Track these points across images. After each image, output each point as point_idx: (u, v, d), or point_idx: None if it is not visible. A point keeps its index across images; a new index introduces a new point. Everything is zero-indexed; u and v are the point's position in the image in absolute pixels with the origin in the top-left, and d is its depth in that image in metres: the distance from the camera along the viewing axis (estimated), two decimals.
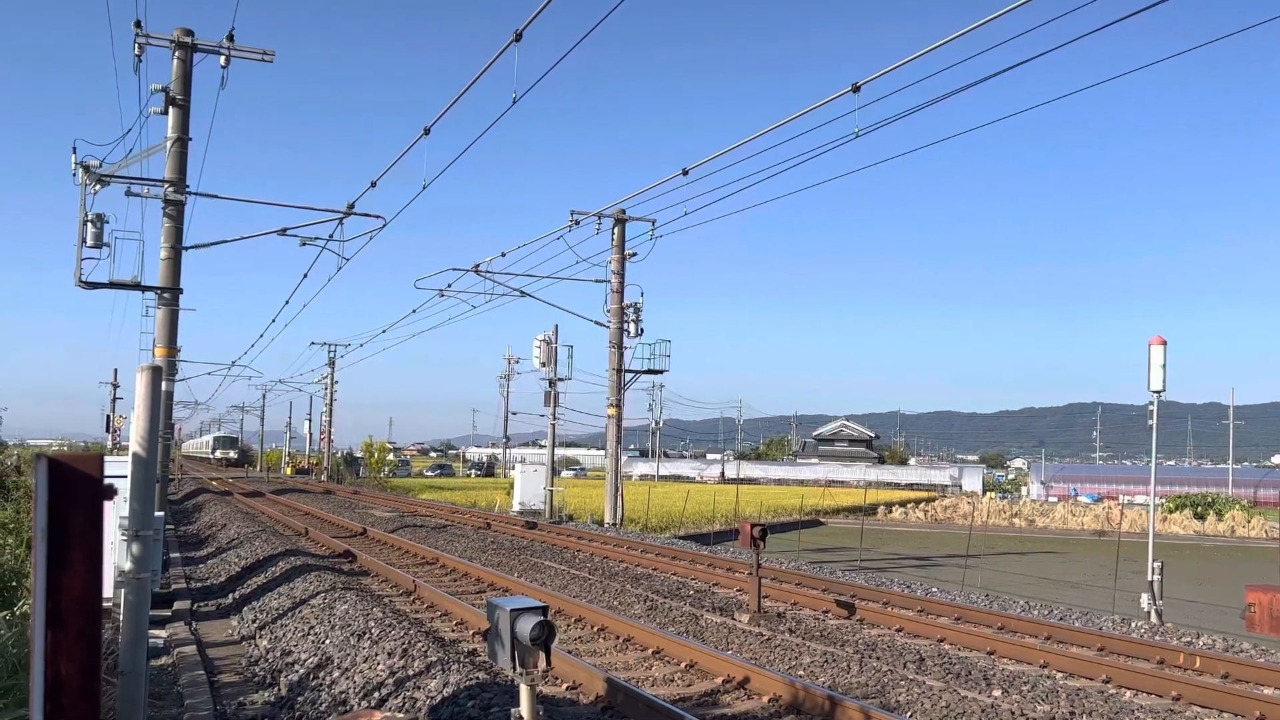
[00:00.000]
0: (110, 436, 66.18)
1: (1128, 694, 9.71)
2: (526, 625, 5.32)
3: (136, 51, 19.74)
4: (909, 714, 8.59)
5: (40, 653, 1.87)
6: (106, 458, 2.54)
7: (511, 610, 5.38)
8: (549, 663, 5.48)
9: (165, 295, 19.13)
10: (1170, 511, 60.98)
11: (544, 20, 12.73)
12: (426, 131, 18.64)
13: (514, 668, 5.41)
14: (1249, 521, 58.59)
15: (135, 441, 5.99)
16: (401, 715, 3.01)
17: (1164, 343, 18.38)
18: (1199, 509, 62.05)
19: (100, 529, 2.04)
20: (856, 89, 16.02)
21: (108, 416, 69.39)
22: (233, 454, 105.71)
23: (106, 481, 2.10)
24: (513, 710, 5.61)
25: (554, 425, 38.68)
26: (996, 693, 9.42)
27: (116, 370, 76.16)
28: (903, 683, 9.57)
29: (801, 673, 10.17)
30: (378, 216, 22.40)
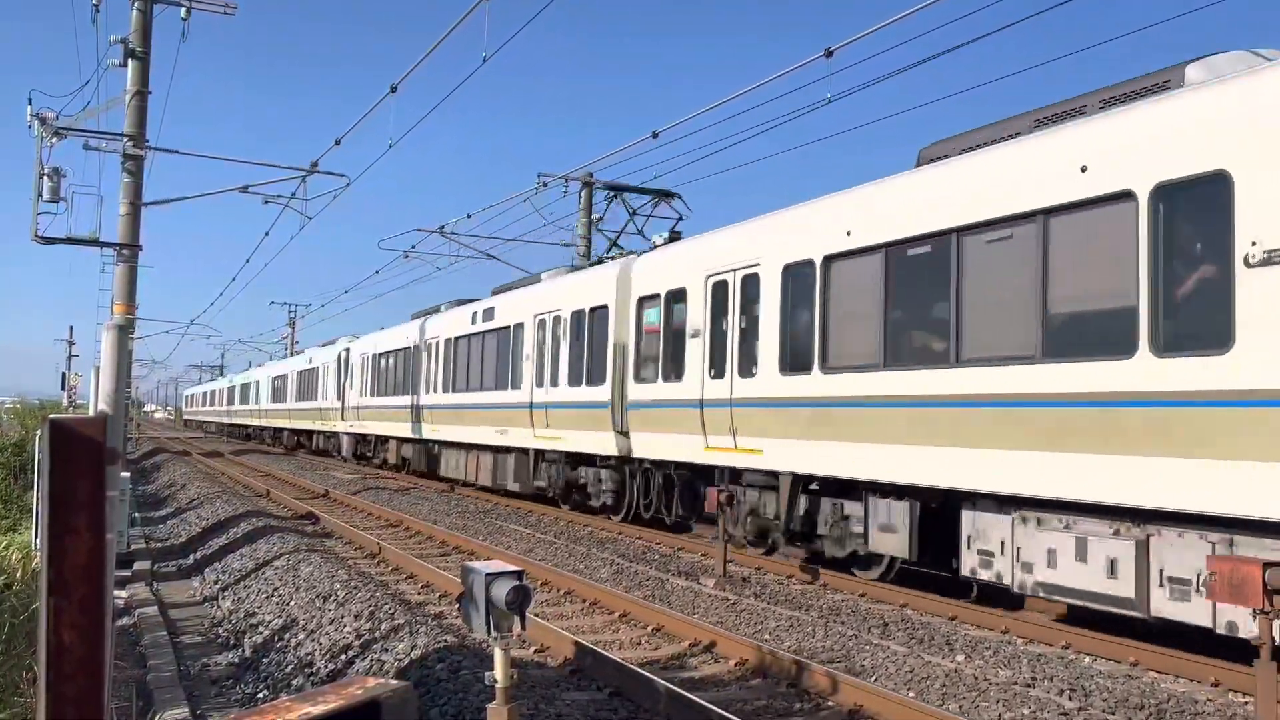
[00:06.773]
0: (66, 395, 65.05)
1: (1087, 660, 9.88)
2: (502, 590, 5.31)
3: (95, 1, 19.26)
4: (874, 678, 8.69)
5: (44, 619, 1.82)
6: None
7: (487, 575, 5.37)
8: (524, 627, 5.48)
9: (124, 252, 18.76)
10: None
11: None
12: (393, 89, 18.37)
13: (489, 632, 5.41)
14: None
15: (102, 399, 5.89)
16: (396, 682, 2.99)
17: None
18: None
19: (104, 494, 1.97)
20: (829, 54, 15.95)
21: (64, 374, 68.12)
22: None
23: (109, 446, 2.03)
24: (486, 674, 5.61)
25: None
26: (960, 658, 9.55)
27: (72, 328, 74.90)
28: (867, 647, 9.68)
29: (767, 637, 10.25)
30: (341, 175, 22.28)
